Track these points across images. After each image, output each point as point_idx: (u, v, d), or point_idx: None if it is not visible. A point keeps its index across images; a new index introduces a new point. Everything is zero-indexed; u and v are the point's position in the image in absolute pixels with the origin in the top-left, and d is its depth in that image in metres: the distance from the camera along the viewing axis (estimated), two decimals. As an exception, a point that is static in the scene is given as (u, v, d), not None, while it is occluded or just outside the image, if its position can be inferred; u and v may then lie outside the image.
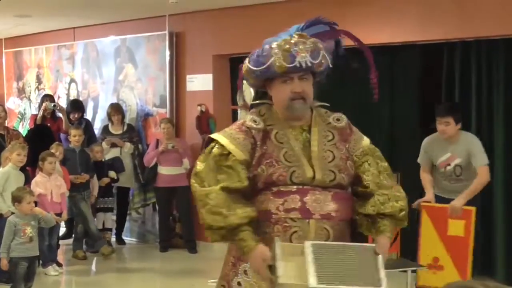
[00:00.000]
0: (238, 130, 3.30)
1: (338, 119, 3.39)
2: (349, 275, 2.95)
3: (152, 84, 9.53)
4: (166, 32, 9.26)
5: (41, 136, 9.04)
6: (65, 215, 8.00)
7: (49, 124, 9.56)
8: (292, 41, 3.20)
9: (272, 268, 2.99)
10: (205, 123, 8.77)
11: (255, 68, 3.26)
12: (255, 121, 3.31)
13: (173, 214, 9.22)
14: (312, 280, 2.87)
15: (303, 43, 3.19)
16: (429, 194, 6.55)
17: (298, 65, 3.16)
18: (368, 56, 3.50)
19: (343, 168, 3.26)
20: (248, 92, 7.88)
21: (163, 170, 8.95)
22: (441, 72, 7.59)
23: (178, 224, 9.22)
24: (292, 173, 3.19)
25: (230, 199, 3.15)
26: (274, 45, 3.22)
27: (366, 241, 3.52)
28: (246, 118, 3.39)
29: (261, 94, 3.46)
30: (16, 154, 7.43)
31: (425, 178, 6.66)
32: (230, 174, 3.20)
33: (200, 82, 9.14)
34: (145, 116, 9.64)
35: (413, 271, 6.39)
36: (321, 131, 3.31)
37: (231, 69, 9.14)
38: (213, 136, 3.37)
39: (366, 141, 3.41)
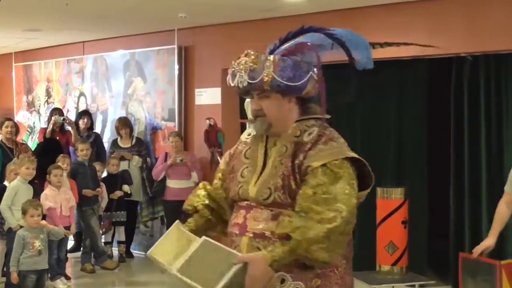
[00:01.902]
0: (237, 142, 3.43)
1: (309, 133, 3.12)
2: (201, 274, 2.95)
3: (160, 97, 9.56)
4: (175, 46, 9.29)
5: (50, 149, 9.07)
6: (73, 229, 8.03)
7: (58, 138, 9.60)
8: (237, 60, 3.18)
9: None
10: (214, 137, 8.78)
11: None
12: (249, 135, 3.34)
13: (181, 228, 9.21)
14: (176, 265, 3.07)
15: (244, 63, 3.13)
16: (491, 239, 5.36)
17: (237, 84, 3.15)
18: (317, 67, 3.17)
19: (281, 186, 3.04)
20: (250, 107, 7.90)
21: (171, 183, 8.96)
22: (450, 86, 7.60)
23: (186, 238, 9.21)
24: (239, 189, 3.18)
25: (199, 192, 3.44)
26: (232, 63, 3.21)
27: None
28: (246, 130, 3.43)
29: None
30: (25, 168, 7.46)
31: (500, 213, 5.42)
32: (215, 180, 3.44)
33: (208, 96, 9.16)
34: (154, 130, 9.66)
35: (421, 286, 6.37)
36: (281, 146, 3.13)
37: (239, 83, 9.15)
38: None
39: (323, 160, 3.00)
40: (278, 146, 3.15)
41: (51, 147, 9.22)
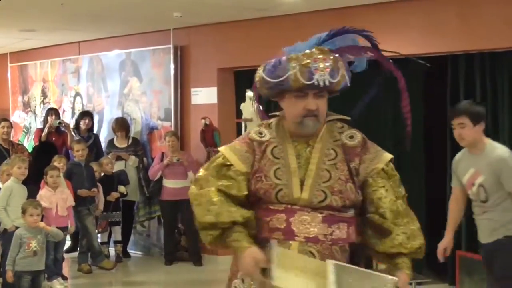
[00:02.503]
0: (241, 142, 3.20)
1: (351, 137, 3.17)
2: None
3: (157, 97, 9.55)
4: (171, 45, 9.29)
5: (46, 152, 9.03)
6: (73, 228, 8.04)
7: (54, 138, 9.61)
8: (313, 57, 3.02)
9: (265, 271, 2.88)
10: (210, 136, 8.78)
11: (270, 80, 3.09)
12: (260, 133, 3.19)
13: (178, 227, 9.22)
14: None
15: (323, 60, 3.01)
16: (446, 237, 5.19)
17: (316, 83, 2.99)
18: (399, 80, 3.26)
19: (339, 190, 3.04)
20: (246, 107, 7.92)
21: (168, 183, 8.96)
22: (445, 84, 7.60)
23: (183, 237, 9.23)
24: (278, 192, 3.05)
25: (224, 199, 3.07)
26: (292, 58, 3.05)
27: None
28: (252, 129, 3.26)
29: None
30: (17, 168, 7.43)
31: (450, 210, 5.28)
32: (230, 182, 3.11)
33: (204, 95, 9.16)
34: (150, 130, 9.66)
35: (418, 283, 6.37)
36: (324, 148, 3.11)
37: (235, 82, 9.18)
38: (219, 148, 3.28)
39: (383, 162, 3.14)
40: (320, 148, 3.11)
41: (47, 150, 9.19)
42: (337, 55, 3.11)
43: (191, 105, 9.31)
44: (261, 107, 3.52)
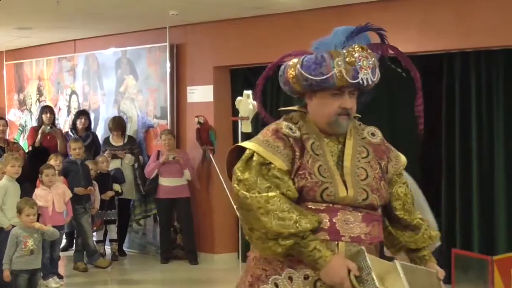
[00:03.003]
0: (275, 138, 2.98)
1: (373, 134, 3.14)
2: None
3: (153, 95, 9.55)
4: (167, 44, 9.28)
5: (40, 157, 8.98)
6: (68, 219, 8.08)
7: (49, 137, 9.59)
8: (356, 55, 2.94)
9: (359, 279, 2.79)
10: (205, 135, 8.78)
11: (311, 77, 2.94)
12: (291, 129, 3.01)
13: (174, 226, 9.22)
14: None
15: (366, 59, 2.94)
16: None
17: (361, 82, 2.92)
18: (416, 79, 3.23)
19: (376, 188, 2.99)
20: (243, 105, 7.90)
21: (164, 181, 8.96)
22: (441, 83, 7.60)
23: (179, 235, 9.22)
24: (324, 190, 2.91)
25: (293, 205, 2.88)
26: (335, 54, 2.95)
27: None
28: (280, 124, 3.03)
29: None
30: (10, 166, 7.43)
31: None
32: (277, 183, 2.91)
33: (200, 94, 9.15)
34: (146, 128, 9.65)
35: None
36: (356, 146, 3.05)
37: (231, 80, 9.17)
38: (244, 144, 3.03)
39: (404, 160, 3.20)
40: (351, 145, 3.04)
41: (40, 155, 9.13)
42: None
43: (187, 103, 9.30)
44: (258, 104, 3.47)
